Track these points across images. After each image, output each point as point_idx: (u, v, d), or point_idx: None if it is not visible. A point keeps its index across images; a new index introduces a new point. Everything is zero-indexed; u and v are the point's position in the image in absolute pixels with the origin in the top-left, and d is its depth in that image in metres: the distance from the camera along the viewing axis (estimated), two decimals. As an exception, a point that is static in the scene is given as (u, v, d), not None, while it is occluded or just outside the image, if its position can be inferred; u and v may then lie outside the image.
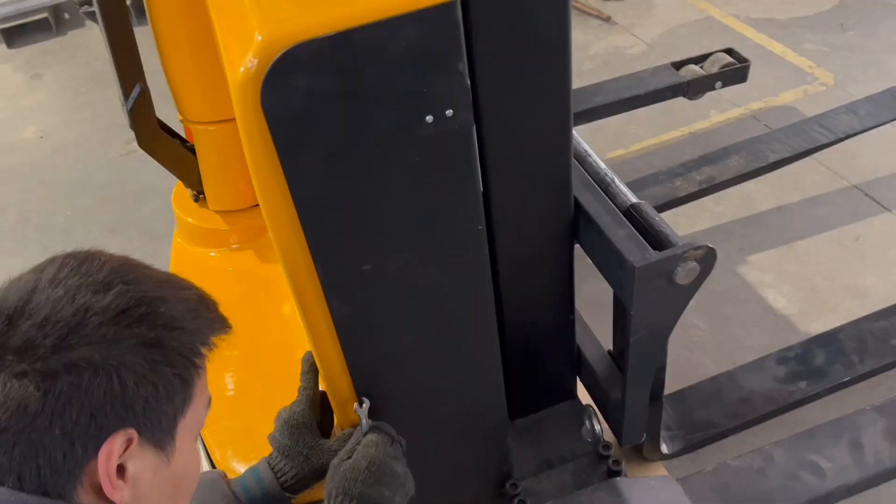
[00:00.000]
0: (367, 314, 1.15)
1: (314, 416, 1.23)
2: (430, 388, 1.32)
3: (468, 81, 0.96)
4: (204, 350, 0.83)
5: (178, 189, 2.04)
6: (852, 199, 2.73)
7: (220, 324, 0.88)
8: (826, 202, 2.74)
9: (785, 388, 1.84)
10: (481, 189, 1.12)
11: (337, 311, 1.12)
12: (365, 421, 1.22)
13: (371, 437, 1.15)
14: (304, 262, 1.06)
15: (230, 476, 1.44)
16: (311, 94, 0.89)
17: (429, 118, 0.94)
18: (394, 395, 1.28)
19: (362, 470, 1.08)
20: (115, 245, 3.06)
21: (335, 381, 1.27)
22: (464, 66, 0.94)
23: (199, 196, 1.98)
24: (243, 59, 0.89)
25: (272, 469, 1.19)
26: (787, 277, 2.46)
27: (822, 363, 1.87)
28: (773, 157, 2.52)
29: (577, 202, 1.36)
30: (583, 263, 1.45)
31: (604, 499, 1.46)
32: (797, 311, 2.34)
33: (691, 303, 1.40)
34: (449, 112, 0.95)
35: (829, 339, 1.94)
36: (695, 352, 2.26)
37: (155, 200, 3.31)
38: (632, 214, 1.38)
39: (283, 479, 1.18)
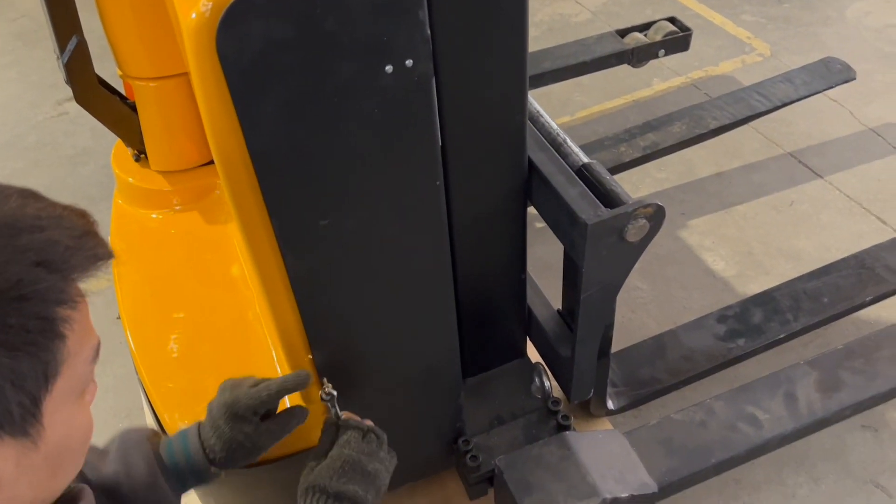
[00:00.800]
0: (324, 271, 1.14)
1: (258, 413, 1.16)
2: (385, 345, 1.32)
3: (429, 32, 0.95)
4: (73, 299, 0.66)
5: (118, 148, 1.97)
6: (787, 166, 2.83)
7: (94, 254, 0.69)
8: (762, 169, 2.83)
9: (724, 346, 1.90)
10: (440, 144, 1.11)
11: (293, 267, 1.11)
12: (334, 411, 1.20)
13: (345, 436, 1.14)
14: (260, 217, 1.04)
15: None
16: (268, 40, 0.87)
17: (388, 68, 0.93)
18: (349, 353, 1.28)
19: (337, 469, 1.09)
20: (48, 209, 2.94)
21: (290, 338, 1.26)
22: (424, 15, 0.93)
23: (140, 156, 1.91)
24: (196, 3, 0.86)
25: (201, 440, 1.14)
26: (726, 241, 2.54)
27: (759, 321, 1.95)
28: (713, 124, 2.58)
29: (530, 162, 1.37)
30: (529, 229, 1.47)
31: (553, 452, 1.50)
32: (735, 273, 2.42)
33: (635, 266, 1.43)
34: (409, 62, 0.94)
35: (765, 299, 2.01)
36: (638, 313, 2.32)
37: (90, 163, 3.19)
38: (583, 174, 1.40)
39: (211, 455, 1.13)
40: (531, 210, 1.44)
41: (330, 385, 1.15)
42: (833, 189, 2.71)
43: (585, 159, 1.43)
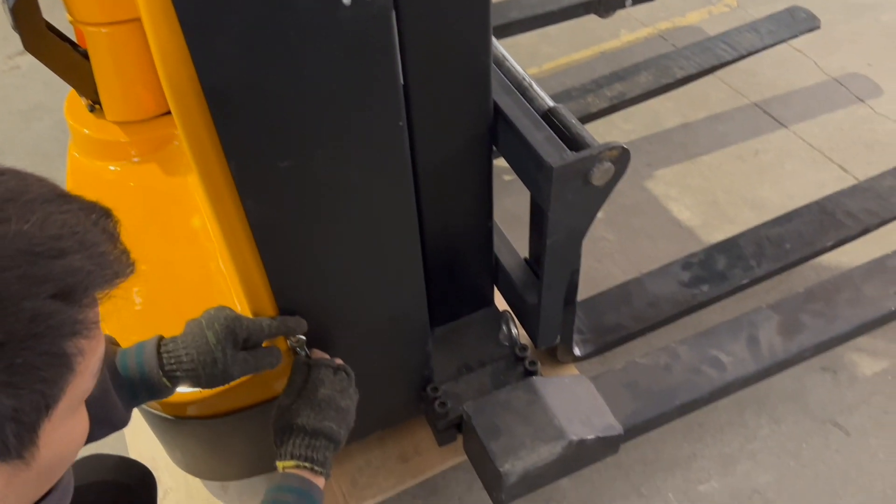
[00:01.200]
0: (285, 216, 1.11)
1: (251, 340, 1.15)
2: (351, 294, 1.31)
3: (387, -37, 0.92)
4: (88, 327, 0.62)
5: (71, 98, 1.90)
6: (752, 116, 2.84)
7: (115, 272, 0.66)
8: (728, 119, 2.83)
9: (689, 292, 1.92)
10: (402, 83, 1.09)
11: (252, 213, 1.09)
12: (303, 353, 1.20)
13: (317, 374, 1.15)
14: (217, 159, 1.01)
15: None
16: (219, -31, 0.83)
17: (346, 0, 0.90)
18: (314, 301, 1.26)
19: (314, 407, 1.10)
20: (2, 166, 2.85)
21: (253, 289, 1.24)
22: (383, -57, 0.89)
23: (94, 106, 1.85)
24: (142, -71, 0.82)
25: (160, 351, 1.10)
26: (691, 191, 2.56)
27: (723, 268, 1.97)
28: (680, 74, 2.57)
29: (495, 105, 1.35)
30: (497, 182, 1.45)
31: (521, 397, 1.51)
32: (700, 222, 2.44)
33: (600, 216, 1.43)
34: (367, -5, 0.91)
35: (729, 246, 2.03)
36: (604, 262, 2.33)
37: (45, 119, 3.09)
38: (549, 118, 1.39)
39: (173, 365, 1.08)
40: (498, 163, 1.43)
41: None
42: (797, 138, 2.73)
43: (551, 104, 1.41)
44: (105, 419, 1.03)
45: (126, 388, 1.08)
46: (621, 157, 1.32)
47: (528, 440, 1.43)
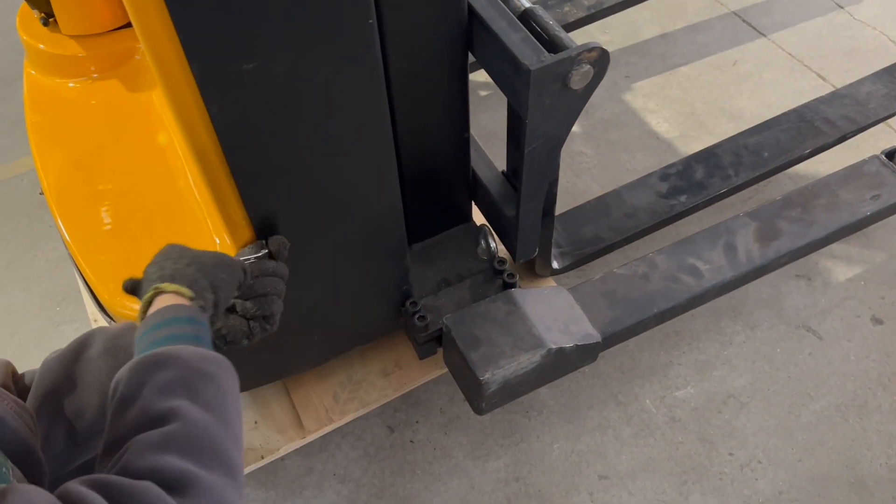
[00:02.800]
0: (252, 121, 1.07)
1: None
2: (324, 203, 1.28)
3: None
4: None
5: (23, 11, 1.80)
6: (731, 26, 2.78)
7: None
8: (706, 29, 2.78)
9: (666, 203, 1.91)
10: (369, -23, 1.03)
11: (218, 119, 1.04)
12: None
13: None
14: (178, 61, 0.96)
15: (124, 311, 1.37)
16: None
17: None
18: (287, 212, 1.23)
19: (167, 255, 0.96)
20: (-45, 89, 2.73)
21: (224, 202, 1.20)
22: None
23: (48, 19, 1.75)
24: None
25: None
26: (669, 102, 2.52)
27: (702, 177, 1.95)
28: (658, -19, 2.50)
29: (469, 7, 1.30)
30: (473, 97, 1.41)
31: (499, 308, 1.51)
32: (678, 134, 2.42)
33: (578, 130, 1.40)
34: None
35: (707, 155, 2.01)
36: (582, 177, 2.31)
37: (-3, 40, 2.96)
38: (526, 19, 1.34)
39: None
40: (474, 77, 1.38)
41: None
42: (776, 47, 2.69)
43: (527, 4, 1.36)
44: None
45: None
46: (600, 59, 1.28)
47: (507, 349, 1.44)
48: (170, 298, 0.88)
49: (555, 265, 1.80)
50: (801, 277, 2.03)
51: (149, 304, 0.88)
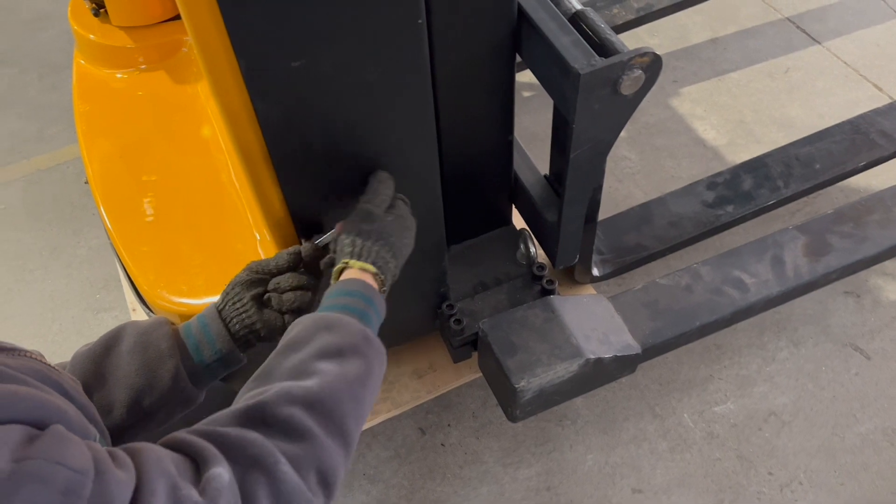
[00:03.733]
0: (297, 119, 1.06)
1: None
2: (365, 203, 1.26)
3: None
4: None
5: (75, 1, 1.82)
6: (784, 32, 2.71)
7: None
8: (759, 34, 2.71)
9: (712, 212, 1.87)
10: (421, -23, 1.01)
11: (263, 114, 1.03)
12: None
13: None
14: (225, 56, 0.95)
15: (163, 303, 1.38)
16: None
17: None
18: (329, 211, 1.22)
19: (366, 230, 1.04)
20: (7, 77, 2.79)
21: (266, 198, 1.20)
22: None
23: (99, 10, 1.77)
24: None
25: (221, 314, 1.02)
26: (718, 109, 2.46)
27: (750, 188, 1.90)
28: (711, -16, 2.44)
29: (519, 8, 1.27)
30: (516, 98, 1.39)
31: (537, 314, 1.48)
32: (726, 142, 2.36)
33: (622, 134, 1.36)
34: None
35: (756, 165, 1.96)
36: (625, 182, 2.27)
37: (50, 29, 3.01)
38: (576, 22, 1.31)
39: (230, 322, 1.02)
40: (517, 78, 1.36)
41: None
42: (830, 55, 2.61)
43: (578, 6, 1.33)
44: (177, 397, 0.97)
45: (197, 364, 1.00)
46: (653, 65, 1.24)
47: (544, 357, 1.41)
48: (356, 272, 1.00)
49: (595, 272, 1.77)
50: (849, 294, 1.97)
51: (339, 272, 1.01)
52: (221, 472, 0.68)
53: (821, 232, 1.70)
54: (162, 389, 0.95)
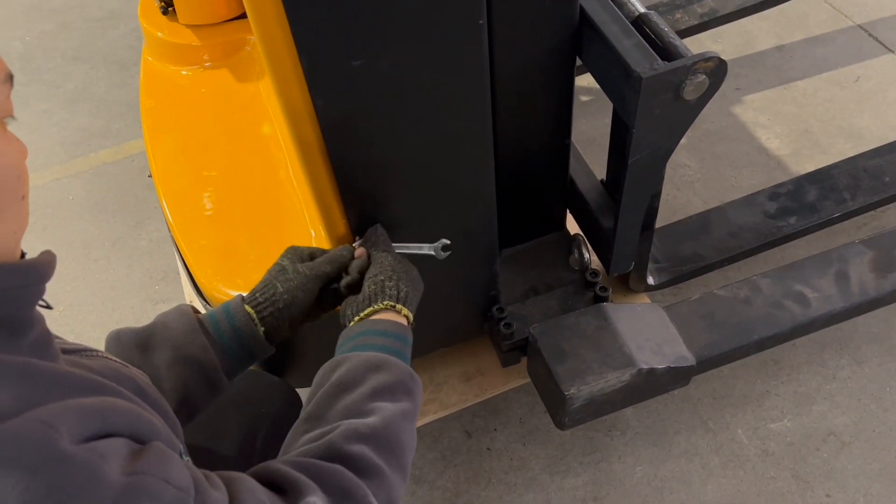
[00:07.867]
0: (357, 118, 1.07)
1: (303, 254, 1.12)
2: (420, 205, 1.27)
3: None
4: None
5: (145, 0, 1.88)
6: (855, 40, 2.62)
7: None
8: (828, 42, 2.63)
9: (774, 224, 1.82)
10: (483, -23, 1.01)
11: (323, 112, 1.04)
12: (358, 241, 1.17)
13: (378, 258, 1.11)
14: (288, 54, 0.97)
15: (220, 296, 1.40)
16: None
17: None
18: (384, 209, 1.23)
19: (398, 271, 1.08)
20: (79, 73, 2.89)
21: (322, 196, 1.21)
22: None
23: (168, 9, 1.82)
24: None
25: (247, 304, 1.06)
26: (782, 118, 2.40)
27: (814, 199, 1.84)
28: (779, -10, 2.38)
29: (581, 10, 1.26)
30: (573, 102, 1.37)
31: (589, 322, 1.46)
32: (790, 151, 2.30)
33: (682, 141, 1.33)
34: None
35: (821, 176, 1.90)
36: (684, 191, 2.22)
37: (120, 27, 3.10)
38: (639, 25, 1.29)
39: (259, 303, 1.05)
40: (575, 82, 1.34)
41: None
42: (904, 65, 2.52)
43: (642, 9, 1.31)
44: (206, 386, 1.01)
45: (225, 352, 1.03)
46: (717, 70, 1.22)
47: (595, 365, 1.39)
48: (391, 314, 1.02)
49: (650, 281, 1.74)
50: (918, 313, 1.89)
51: (375, 310, 1.03)
52: (317, 502, 0.71)
53: (889, 247, 1.63)
54: (203, 399, 1.01)
